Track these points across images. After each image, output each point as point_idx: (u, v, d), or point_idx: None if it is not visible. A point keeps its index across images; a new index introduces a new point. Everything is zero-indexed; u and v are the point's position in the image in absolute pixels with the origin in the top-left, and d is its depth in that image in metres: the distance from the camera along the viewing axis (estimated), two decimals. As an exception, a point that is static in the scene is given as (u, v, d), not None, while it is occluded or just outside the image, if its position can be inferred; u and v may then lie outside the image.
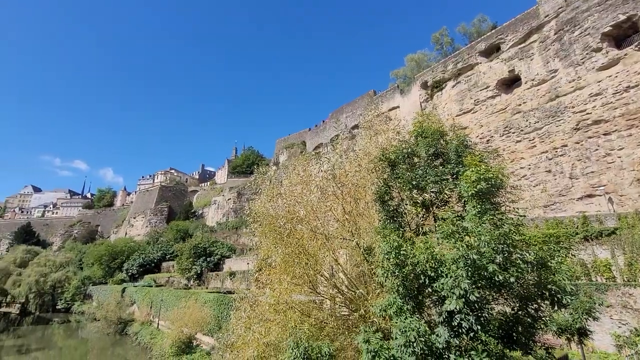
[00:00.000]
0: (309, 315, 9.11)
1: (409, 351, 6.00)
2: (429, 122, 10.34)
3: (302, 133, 65.96)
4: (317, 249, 9.69)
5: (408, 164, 9.34)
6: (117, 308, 39.29)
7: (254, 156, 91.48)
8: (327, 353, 7.13)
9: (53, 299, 58.61)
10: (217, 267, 46.19)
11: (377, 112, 17.96)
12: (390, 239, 6.74)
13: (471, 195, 6.83)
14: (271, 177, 11.80)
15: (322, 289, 10.27)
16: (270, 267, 10.13)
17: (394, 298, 6.76)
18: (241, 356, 8.84)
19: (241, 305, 10.44)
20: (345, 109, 50.91)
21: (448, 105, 34.88)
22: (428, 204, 8.68)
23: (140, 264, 55.00)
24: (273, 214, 9.38)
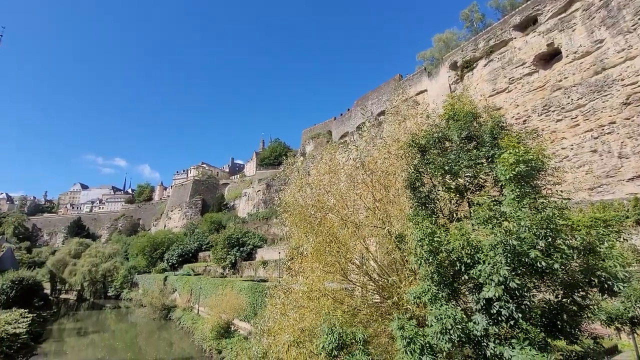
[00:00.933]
0: (342, 303, 9.23)
1: (446, 338, 5.93)
2: (461, 104, 9.90)
3: (328, 122, 65.64)
4: (347, 237, 9.72)
5: (439, 148, 9.04)
6: (161, 295, 42.07)
7: (281, 148, 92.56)
8: (361, 339, 7.21)
9: (104, 287, 63.87)
10: (249, 257, 47.82)
11: (404, 97, 17.46)
12: (423, 225, 6.61)
13: (509, 179, 6.51)
14: (299, 168, 11.90)
15: (353, 276, 10.33)
16: (301, 256, 10.32)
17: (428, 285, 6.67)
18: (278, 341, 9.17)
19: (275, 292, 10.78)
20: (371, 95, 49.89)
21: (480, 86, 33.07)
22: (462, 189, 8.39)
23: (179, 254, 58.15)
24: (303, 203, 9.50)
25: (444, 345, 6.12)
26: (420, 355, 6.35)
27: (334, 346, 6.91)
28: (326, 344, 6.99)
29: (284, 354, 8.65)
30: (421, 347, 6.34)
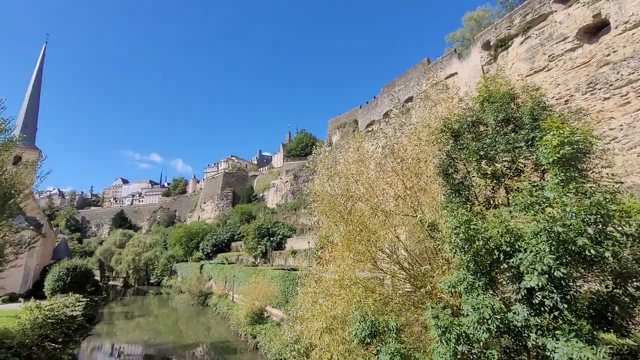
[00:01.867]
0: (373, 291, 9.23)
1: (483, 328, 5.76)
2: (496, 85, 9.37)
3: (354, 111, 64.75)
4: (377, 226, 9.64)
5: (473, 133, 8.64)
6: (198, 282, 44.33)
7: (307, 139, 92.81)
8: (394, 327, 7.19)
9: (147, 274, 68.48)
10: (279, 246, 48.95)
11: (433, 81, 16.79)
12: (458, 213, 6.39)
13: (552, 162, 6.09)
14: (326, 158, 11.88)
15: (383, 265, 10.27)
16: (332, 245, 10.38)
17: (463, 274, 6.49)
18: (310, 327, 9.38)
19: (306, 281, 10.98)
20: (397, 81, 48.42)
21: (516, 65, 30.95)
22: (499, 175, 7.99)
23: (213, 244, 60.72)
24: (332, 193, 9.51)
25: (481, 335, 5.96)
26: (456, 345, 6.23)
27: (367, 334, 6.95)
28: (358, 332, 7.05)
29: (316, 340, 8.83)
30: (457, 336, 6.22)
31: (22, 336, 20.13)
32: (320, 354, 8.91)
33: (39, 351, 20.32)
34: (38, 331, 21.93)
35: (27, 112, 51.80)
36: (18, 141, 22.09)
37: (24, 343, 19.48)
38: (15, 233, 22.42)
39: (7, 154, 20.47)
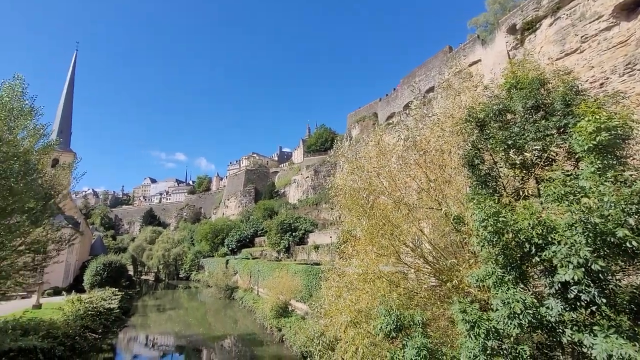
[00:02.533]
0: (398, 285, 9.15)
1: (514, 323, 5.58)
2: (524, 71, 8.93)
3: (373, 104, 63.84)
4: (400, 220, 9.52)
5: (500, 121, 8.30)
6: (224, 277, 45.72)
7: (327, 134, 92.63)
8: (419, 321, 7.12)
9: (176, 269, 71.41)
10: (302, 241, 49.45)
11: (456, 69, 16.24)
12: (486, 205, 6.19)
13: (587, 150, 5.76)
14: (346, 152, 11.82)
15: (407, 259, 10.14)
16: (354, 239, 10.37)
17: (492, 268, 6.30)
18: (335, 321, 9.45)
19: (330, 275, 11.05)
20: (418, 72, 47.18)
21: (545, 49, 29.24)
22: (528, 164, 7.64)
23: (237, 240, 62.24)
24: (355, 186, 9.47)
25: (511, 330, 5.79)
26: (485, 340, 6.08)
27: (392, 328, 6.92)
28: (384, 325, 7.03)
29: (341, 333, 8.90)
30: (486, 331, 6.07)
31: (66, 327, 21.59)
32: (345, 347, 8.97)
33: (81, 341, 21.73)
34: (80, 322, 23.44)
35: (62, 118, 54.91)
36: (55, 145, 23.44)
37: (67, 333, 20.89)
38: (56, 231, 23.95)
39: (46, 158, 21.80)
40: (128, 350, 24.98)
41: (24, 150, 17.88)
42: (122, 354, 23.87)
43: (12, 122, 17.01)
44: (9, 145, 16.80)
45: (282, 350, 21.11)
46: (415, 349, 6.36)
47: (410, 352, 6.37)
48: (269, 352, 21.51)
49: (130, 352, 24.60)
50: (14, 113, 16.97)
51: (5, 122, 16.40)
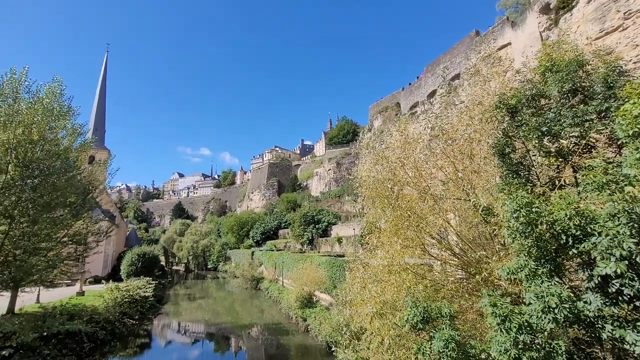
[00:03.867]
0: (424, 277, 9.03)
1: (549, 317, 5.36)
2: (560, 52, 8.39)
3: (395, 94, 62.42)
4: (426, 211, 9.34)
5: (533, 107, 7.88)
6: (250, 268, 47.02)
7: (349, 125, 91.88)
8: (447, 314, 7.00)
9: (204, 260, 74.29)
10: (325, 233, 49.75)
11: (484, 54, 15.52)
12: (518, 195, 5.93)
13: (633, 135, 5.35)
14: (368, 143, 11.67)
15: (433, 252, 9.97)
16: (379, 231, 10.30)
17: (524, 260, 6.06)
18: (360, 312, 9.49)
19: (354, 266, 11.07)
20: (442, 59, 45.47)
21: (582, 28, 27.12)
22: (565, 152, 7.23)
23: (262, 232, 63.60)
24: (379, 177, 9.36)
25: (546, 325, 5.57)
26: (517, 334, 5.90)
27: (419, 319, 6.85)
28: (410, 317, 6.97)
29: (367, 324, 8.93)
30: (518, 325, 5.88)
31: (107, 313, 23.10)
32: (370, 338, 9.01)
33: (120, 326, 23.21)
34: (118, 309, 25.02)
35: (96, 116, 57.89)
36: (91, 143, 24.84)
37: (108, 319, 22.36)
38: (95, 224, 25.55)
39: (83, 155, 23.16)
40: (162, 336, 26.40)
41: (64, 149, 19.06)
42: (157, 339, 25.25)
43: (53, 122, 18.14)
44: (51, 144, 17.98)
45: (308, 339, 21.51)
46: (443, 341, 6.28)
47: (438, 344, 6.30)
48: (294, 341, 21.99)
49: (164, 338, 25.98)
50: (54, 113, 18.07)
51: (46, 123, 17.51)
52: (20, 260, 17.08)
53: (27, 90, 17.19)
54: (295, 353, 19.77)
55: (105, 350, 19.76)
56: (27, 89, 17.15)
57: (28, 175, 16.84)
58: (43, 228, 17.82)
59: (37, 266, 18.02)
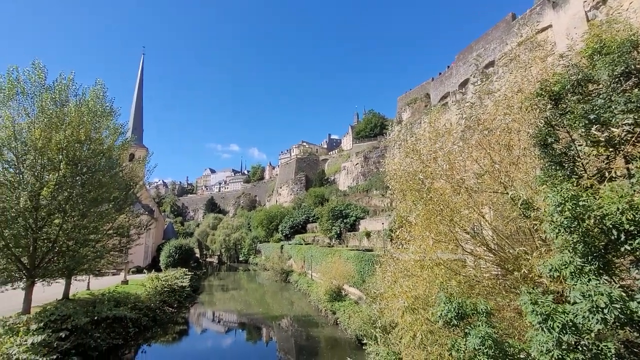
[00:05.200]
0: (457, 273, 8.78)
1: (597, 318, 5.02)
2: (612, 32, 7.71)
3: (425, 85, 60.46)
4: (460, 205, 9.03)
5: (579, 93, 7.32)
6: (279, 261, 48.10)
7: (376, 119, 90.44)
8: (483, 310, 6.76)
9: (236, 253, 76.98)
10: (353, 228, 49.64)
11: (523, 38, 14.62)
12: (562, 188, 5.57)
13: (698, 121, 4.84)
14: (397, 136, 11.42)
15: (467, 247, 9.64)
16: (409, 225, 10.11)
17: (569, 257, 5.70)
18: (391, 306, 9.42)
19: (384, 260, 10.97)
20: (475, 46, 43.29)
21: (635, 4, 24.76)
22: (616, 141, 6.66)
23: (290, 226, 64.68)
24: (410, 170, 9.15)
25: (593, 325, 5.23)
26: (561, 334, 5.59)
27: (453, 315, 6.68)
28: (443, 313, 6.81)
29: (398, 318, 8.84)
30: (562, 325, 5.57)
31: (148, 301, 24.66)
32: (402, 332, 8.92)
33: (161, 313, 24.70)
34: (159, 297, 26.61)
35: (134, 116, 61.32)
36: (131, 142, 26.42)
37: (149, 306, 23.86)
38: (136, 217, 27.25)
39: (124, 153, 24.69)
40: (198, 324, 27.79)
41: (108, 147, 20.41)
42: (194, 327, 26.63)
43: (97, 123, 19.45)
44: (96, 144, 19.32)
45: (337, 332, 21.72)
46: (479, 338, 6.08)
47: (474, 341, 6.11)
48: (324, 333, 22.29)
49: (200, 326, 27.34)
50: (98, 114, 19.37)
51: (91, 123, 18.80)
52: (73, 250, 18.65)
53: (75, 94, 18.59)
54: (325, 345, 20.05)
55: (148, 336, 21.17)
56: (74, 92, 18.53)
57: (77, 173, 18.25)
58: (91, 221, 19.29)
59: (87, 256, 19.59)
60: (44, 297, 20.58)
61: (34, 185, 16.43)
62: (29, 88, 16.82)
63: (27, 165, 16.50)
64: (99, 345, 16.56)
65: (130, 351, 18.73)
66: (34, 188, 16.37)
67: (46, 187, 16.49)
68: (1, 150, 15.77)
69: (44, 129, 16.48)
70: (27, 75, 16.80)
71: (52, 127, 16.82)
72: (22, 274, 17.07)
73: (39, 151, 16.43)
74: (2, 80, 16.17)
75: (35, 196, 16.42)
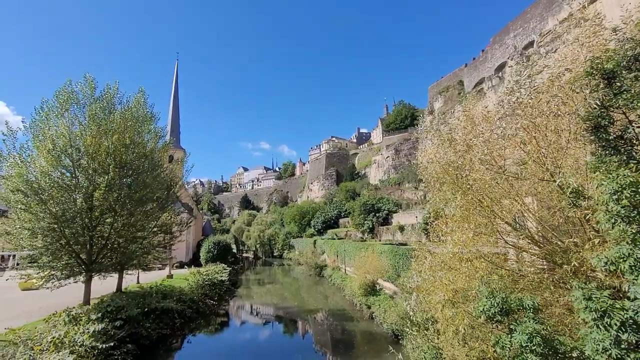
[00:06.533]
0: (501, 267, 8.39)
1: (663, 315, 4.60)
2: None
3: (457, 72, 57.84)
4: (500, 195, 8.59)
5: (637, 70, 6.63)
6: (313, 256, 48.72)
7: (406, 110, 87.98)
8: (530, 306, 6.42)
9: (270, 248, 79.04)
10: (386, 222, 48.97)
11: (567, 12, 13.49)
12: (619, 174, 5.12)
13: None
14: (429, 128, 11.05)
15: (509, 239, 9.16)
16: (445, 217, 9.80)
17: (628, 249, 5.25)
18: (430, 299, 9.22)
19: (420, 254, 10.75)
20: (512, 26, 40.60)
21: None
22: (682, 120, 5.98)
23: (322, 221, 65.16)
24: (446, 160, 8.84)
25: (659, 323, 4.79)
26: (619, 332, 5.18)
27: (497, 310, 6.41)
28: (486, 308, 6.56)
29: (437, 313, 8.65)
30: (620, 322, 5.16)
31: (191, 294, 26.10)
32: (444, 327, 8.70)
33: (203, 306, 26.05)
34: (200, 290, 28.07)
35: (172, 120, 64.72)
36: (170, 144, 27.93)
37: (193, 299, 25.25)
38: (177, 215, 28.86)
39: (165, 155, 26.15)
40: (238, 316, 28.97)
41: (150, 150, 21.72)
42: (234, 319, 27.79)
43: (140, 128, 20.76)
44: (139, 147, 20.62)
45: (372, 326, 21.65)
46: (527, 335, 5.80)
47: (521, 338, 5.83)
48: (359, 327, 22.32)
49: (239, 318, 28.49)
50: (140, 120, 20.66)
51: (135, 128, 20.10)
52: (123, 247, 20.19)
53: (120, 102, 19.99)
54: (361, 339, 20.08)
55: (193, 327, 22.45)
56: (119, 100, 19.94)
57: (124, 175, 19.68)
58: (138, 220, 20.75)
59: (135, 252, 21.12)
60: (100, 290, 22.49)
61: (88, 188, 17.96)
62: (81, 99, 18.35)
63: (81, 169, 18.05)
64: (149, 335, 17.87)
65: (177, 341, 19.99)
66: (87, 190, 17.91)
67: (98, 189, 17.95)
68: (60, 157, 17.35)
69: (95, 136, 17.90)
70: (80, 88, 18.34)
71: (102, 134, 18.23)
72: (82, 269, 18.76)
73: (91, 156, 17.89)
74: (59, 93, 17.77)
75: (89, 198, 17.95)
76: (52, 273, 17.82)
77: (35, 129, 17.24)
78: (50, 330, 14.01)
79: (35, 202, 16.35)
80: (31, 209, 16.34)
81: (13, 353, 12.02)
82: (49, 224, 16.64)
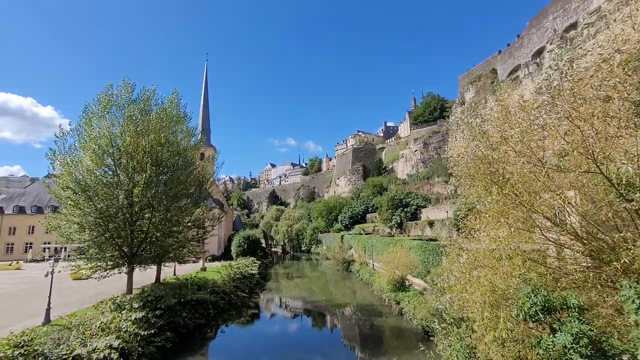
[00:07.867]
0: (540, 264, 7.95)
1: None
2: None
3: (490, 60, 54.96)
4: (539, 188, 8.11)
5: (701, 48, 5.97)
6: (340, 251, 48.78)
7: (435, 102, 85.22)
8: (575, 305, 6.06)
9: (298, 243, 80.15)
10: (414, 217, 47.97)
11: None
12: (679, 163, 4.67)
13: None
14: (459, 119, 10.59)
15: (550, 235, 8.64)
16: (479, 212, 9.42)
17: (689, 245, 4.79)
18: (464, 297, 8.94)
19: (451, 251, 10.43)
20: (551, 8, 37.85)
21: None
22: None
23: (349, 216, 64.99)
24: (480, 154, 8.46)
25: None
26: (678, 335, 4.77)
27: (538, 309, 6.11)
28: (527, 307, 6.27)
29: (471, 312, 8.37)
30: (680, 325, 4.74)
31: (224, 286, 27.12)
32: (482, 329, 8.36)
33: (235, 298, 26.98)
34: (232, 283, 29.08)
35: (202, 119, 67.07)
36: (202, 142, 29.01)
37: (225, 291, 26.23)
38: (209, 211, 30.00)
39: (197, 153, 27.18)
40: (268, 309, 29.73)
41: (183, 148, 22.68)
42: (264, 311, 28.56)
43: (174, 127, 21.72)
44: (173, 146, 21.59)
45: (402, 322, 21.39)
46: (572, 335, 5.49)
47: (566, 338, 5.53)
48: (388, 323, 22.13)
49: (269, 310, 29.23)
50: (174, 120, 21.61)
51: (169, 128, 21.06)
52: (160, 241, 21.32)
53: (155, 103, 21.04)
54: (390, 335, 19.92)
55: (225, 317, 23.35)
56: (155, 102, 21.01)
57: (160, 173, 20.72)
58: (173, 215, 21.81)
59: (171, 245, 22.25)
60: (141, 280, 23.95)
61: (128, 185, 19.13)
62: (120, 101, 19.50)
63: (122, 168, 19.23)
64: (186, 324, 18.83)
65: (211, 330, 20.89)
66: (128, 187, 19.08)
67: (137, 186, 19.03)
68: (103, 156, 18.59)
69: (133, 136, 18.97)
70: (119, 91, 19.50)
71: (139, 134, 19.29)
72: (124, 261, 20.06)
73: (130, 155, 18.99)
74: (101, 95, 19.01)
75: (129, 194, 19.11)
76: (99, 264, 19.21)
77: (80, 131, 18.56)
78: (99, 316, 15.18)
79: (83, 199, 17.67)
80: (79, 204, 17.69)
81: (67, 337, 13.15)
82: (95, 218, 17.93)
